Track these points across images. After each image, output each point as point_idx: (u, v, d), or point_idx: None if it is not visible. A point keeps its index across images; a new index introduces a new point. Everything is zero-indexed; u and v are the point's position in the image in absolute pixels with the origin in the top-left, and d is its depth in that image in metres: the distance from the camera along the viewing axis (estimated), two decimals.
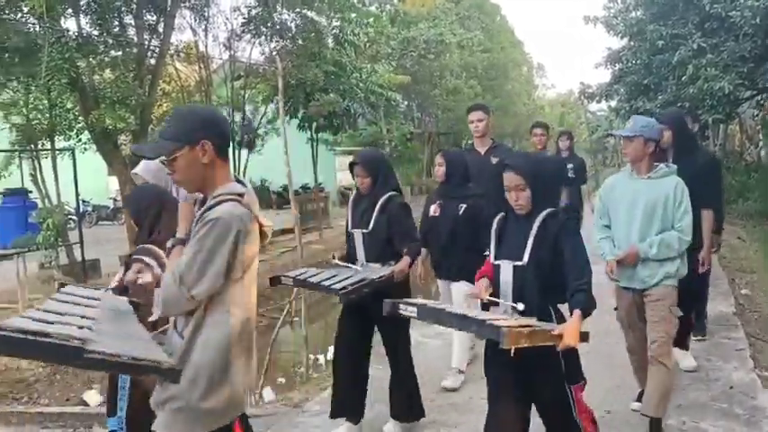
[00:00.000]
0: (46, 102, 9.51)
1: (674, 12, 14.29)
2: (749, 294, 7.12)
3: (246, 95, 14.31)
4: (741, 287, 7.45)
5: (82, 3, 10.36)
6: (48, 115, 9.36)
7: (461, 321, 2.47)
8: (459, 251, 4.41)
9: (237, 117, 13.79)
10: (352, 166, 3.86)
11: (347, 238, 3.95)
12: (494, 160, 4.96)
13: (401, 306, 2.60)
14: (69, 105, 10.31)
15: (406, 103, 25.98)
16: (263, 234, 2.19)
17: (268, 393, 5.81)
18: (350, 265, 3.80)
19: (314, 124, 16.14)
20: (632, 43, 16.06)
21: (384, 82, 16.33)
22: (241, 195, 2.09)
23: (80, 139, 10.80)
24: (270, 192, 21.30)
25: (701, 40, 12.94)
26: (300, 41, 14.27)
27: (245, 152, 13.67)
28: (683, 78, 13.17)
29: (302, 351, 5.46)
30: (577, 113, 55.27)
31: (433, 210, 4.56)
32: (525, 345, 2.26)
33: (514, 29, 40.10)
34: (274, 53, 14.33)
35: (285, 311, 6.10)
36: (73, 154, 8.98)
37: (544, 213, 2.64)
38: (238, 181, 2.19)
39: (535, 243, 2.62)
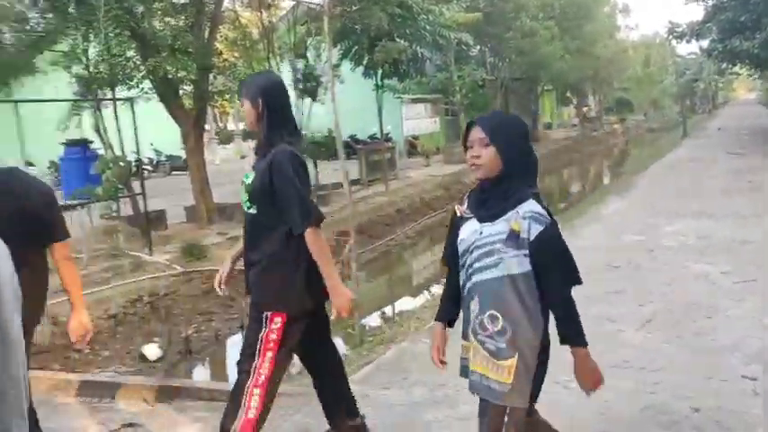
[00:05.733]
0: (105, 51, 9.39)
1: None
2: None
3: (310, 42, 13.85)
4: None
5: None
6: (108, 65, 9.25)
7: None
8: None
9: (300, 64, 13.38)
10: None
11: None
12: None
13: None
14: (130, 54, 10.18)
15: (478, 47, 24.88)
16: None
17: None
18: None
19: (379, 71, 15.57)
20: None
21: (453, 23, 15.49)
22: None
23: (142, 89, 10.70)
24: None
25: None
26: None
27: (308, 101, 13.28)
28: None
29: (354, 312, 5.08)
30: (663, 57, 51.99)
31: None
32: None
33: None
34: None
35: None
36: (131, 104, 8.87)
37: None
38: None
39: None
